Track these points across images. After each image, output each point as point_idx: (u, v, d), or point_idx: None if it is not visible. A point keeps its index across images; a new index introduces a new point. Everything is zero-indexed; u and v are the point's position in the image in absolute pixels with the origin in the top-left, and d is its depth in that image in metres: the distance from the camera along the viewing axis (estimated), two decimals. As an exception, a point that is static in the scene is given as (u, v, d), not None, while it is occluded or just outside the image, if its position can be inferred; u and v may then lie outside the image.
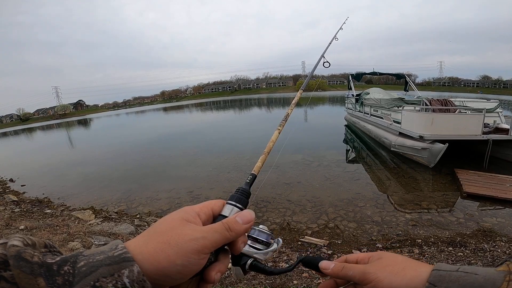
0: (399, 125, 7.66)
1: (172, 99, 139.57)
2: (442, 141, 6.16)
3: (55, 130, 37.86)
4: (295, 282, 2.52)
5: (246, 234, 0.45)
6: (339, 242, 3.53)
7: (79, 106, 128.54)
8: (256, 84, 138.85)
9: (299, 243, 3.47)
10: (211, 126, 19.93)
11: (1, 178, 9.11)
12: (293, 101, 0.80)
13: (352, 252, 3.13)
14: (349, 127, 13.73)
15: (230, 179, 6.80)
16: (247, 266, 0.46)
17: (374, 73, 16.78)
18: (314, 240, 3.46)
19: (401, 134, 7.54)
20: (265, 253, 0.48)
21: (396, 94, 11.01)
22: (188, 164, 8.71)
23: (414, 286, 0.37)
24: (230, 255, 0.40)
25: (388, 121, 8.61)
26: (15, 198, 6.50)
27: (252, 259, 0.47)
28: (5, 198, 6.50)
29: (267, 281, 2.56)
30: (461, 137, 6.34)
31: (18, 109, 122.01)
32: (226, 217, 0.38)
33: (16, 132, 44.58)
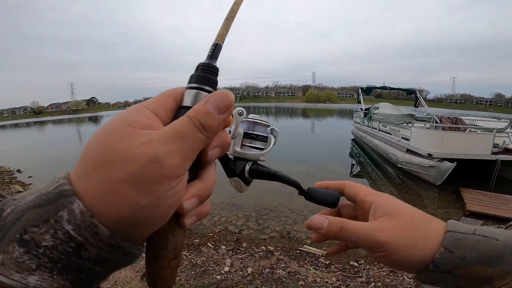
0: (407, 142, 7.59)
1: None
2: (451, 160, 6.09)
3: (66, 125, 38.74)
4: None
5: (239, 124, 0.35)
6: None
7: (91, 103, 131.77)
8: (265, 93, 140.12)
9: (298, 251, 3.44)
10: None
11: (9, 168, 9.30)
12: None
13: (350, 264, 3.07)
14: (356, 141, 13.64)
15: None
16: (246, 173, 0.37)
17: (384, 88, 16.78)
18: (313, 249, 3.44)
19: (409, 151, 7.47)
20: (265, 152, 0.39)
21: (406, 110, 10.94)
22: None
23: (426, 254, 0.30)
24: (215, 165, 0.27)
25: (396, 137, 8.53)
26: (20, 189, 6.62)
27: (251, 162, 0.38)
28: (10, 188, 6.64)
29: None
30: (470, 156, 6.26)
31: (32, 102, 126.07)
32: (189, 108, 0.24)
33: (28, 124, 45.75)
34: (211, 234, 3.91)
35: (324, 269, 2.97)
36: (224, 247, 3.44)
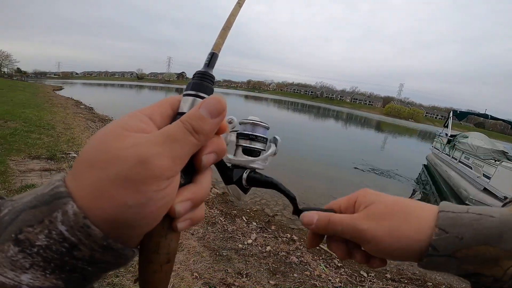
0: (487, 180, 6.52)
1: (254, 89, 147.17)
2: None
3: (158, 92, 45.16)
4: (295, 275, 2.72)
5: (229, 132, 0.34)
6: (353, 260, 3.48)
7: (181, 76, 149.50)
8: (340, 96, 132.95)
9: (318, 248, 3.56)
10: (281, 123, 20.45)
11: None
12: None
13: (360, 273, 3.07)
14: (428, 168, 12.09)
15: (283, 176, 7.09)
16: (244, 181, 0.37)
17: (485, 116, 14.06)
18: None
19: (485, 190, 6.45)
20: (263, 159, 0.38)
21: (503, 145, 9.16)
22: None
23: (421, 238, 0.29)
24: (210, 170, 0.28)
25: (477, 173, 7.36)
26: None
27: (248, 170, 0.37)
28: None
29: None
30: None
31: (138, 69, 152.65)
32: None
33: (130, 86, 55.04)
34: (248, 210, 4.34)
35: (333, 269, 3.07)
36: (255, 223, 3.83)
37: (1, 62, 62.76)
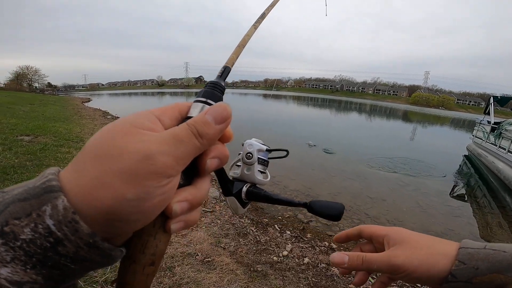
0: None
1: (272, 87, 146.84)
2: None
3: (178, 97, 46.33)
4: None
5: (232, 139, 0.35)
6: None
7: (199, 80, 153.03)
8: (362, 88, 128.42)
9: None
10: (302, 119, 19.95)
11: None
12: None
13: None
14: (470, 158, 11.06)
15: (312, 176, 6.74)
16: (243, 195, 0.37)
17: (530, 99, 12.63)
18: None
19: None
20: (265, 175, 0.39)
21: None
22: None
23: (443, 268, 0.35)
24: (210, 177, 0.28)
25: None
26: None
27: (248, 184, 0.38)
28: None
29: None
30: None
31: (158, 76, 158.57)
32: None
33: (152, 94, 57.09)
34: (280, 217, 4.07)
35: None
36: (289, 232, 3.55)
37: (31, 77, 66.83)
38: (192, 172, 0.26)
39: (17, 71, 62.55)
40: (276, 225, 3.69)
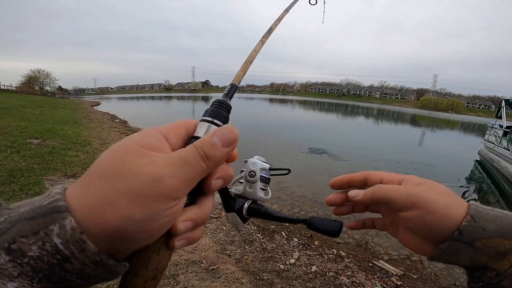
0: None
1: (278, 91, 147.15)
2: None
3: (185, 101, 46.85)
4: None
5: (243, 172, 0.37)
6: (415, 277, 3.00)
7: (205, 85, 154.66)
8: (369, 92, 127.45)
9: (370, 264, 3.12)
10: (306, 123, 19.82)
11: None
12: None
13: None
14: (482, 163, 10.75)
15: (319, 182, 6.64)
16: (244, 211, 0.37)
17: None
18: (387, 266, 3.06)
19: None
20: (266, 192, 0.39)
21: None
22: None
23: (454, 221, 0.31)
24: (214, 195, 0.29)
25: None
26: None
27: (250, 201, 0.38)
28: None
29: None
30: None
31: (165, 81, 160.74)
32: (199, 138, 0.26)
33: (160, 98, 57.87)
34: (287, 224, 3.99)
35: (392, 289, 2.61)
36: (296, 239, 3.46)
37: (43, 80, 68.37)
38: (196, 192, 0.26)
39: (29, 74, 64.37)
40: (283, 232, 3.60)
